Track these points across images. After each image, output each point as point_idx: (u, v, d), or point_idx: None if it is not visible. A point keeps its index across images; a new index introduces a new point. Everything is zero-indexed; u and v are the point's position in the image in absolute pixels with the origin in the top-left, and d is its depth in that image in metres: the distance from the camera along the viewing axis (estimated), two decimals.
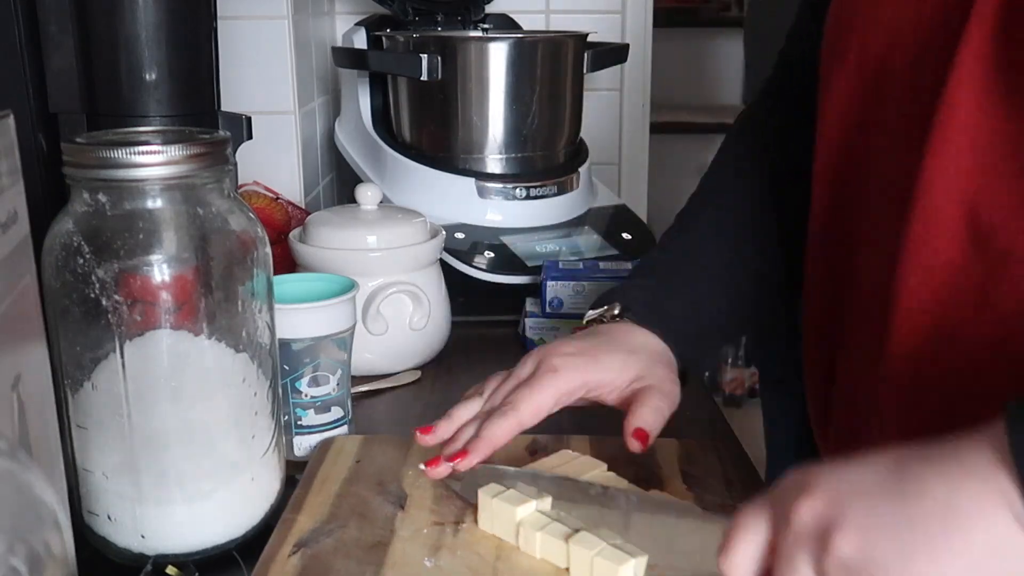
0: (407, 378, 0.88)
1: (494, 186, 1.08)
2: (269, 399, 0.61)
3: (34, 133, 0.77)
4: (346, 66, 1.18)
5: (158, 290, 0.54)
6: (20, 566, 0.33)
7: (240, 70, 1.11)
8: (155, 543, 0.58)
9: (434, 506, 0.61)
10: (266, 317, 0.60)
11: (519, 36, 1.16)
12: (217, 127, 0.84)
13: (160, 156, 0.53)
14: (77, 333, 0.55)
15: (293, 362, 0.69)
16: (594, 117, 1.30)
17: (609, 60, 1.19)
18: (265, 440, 0.61)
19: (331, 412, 0.72)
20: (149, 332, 0.55)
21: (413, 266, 0.88)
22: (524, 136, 1.11)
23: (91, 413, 0.56)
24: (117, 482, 0.57)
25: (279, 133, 1.16)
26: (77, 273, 0.53)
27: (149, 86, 0.78)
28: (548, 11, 1.42)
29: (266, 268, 0.60)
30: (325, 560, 0.55)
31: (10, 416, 0.41)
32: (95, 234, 0.53)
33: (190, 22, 0.80)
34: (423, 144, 1.13)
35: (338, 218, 0.90)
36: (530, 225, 1.07)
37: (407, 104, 1.14)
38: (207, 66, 0.83)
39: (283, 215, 1.07)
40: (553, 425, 0.78)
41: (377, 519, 0.59)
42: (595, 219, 1.11)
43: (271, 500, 0.62)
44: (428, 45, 1.09)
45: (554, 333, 0.93)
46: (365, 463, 0.67)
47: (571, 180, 1.12)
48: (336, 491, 0.63)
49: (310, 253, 0.87)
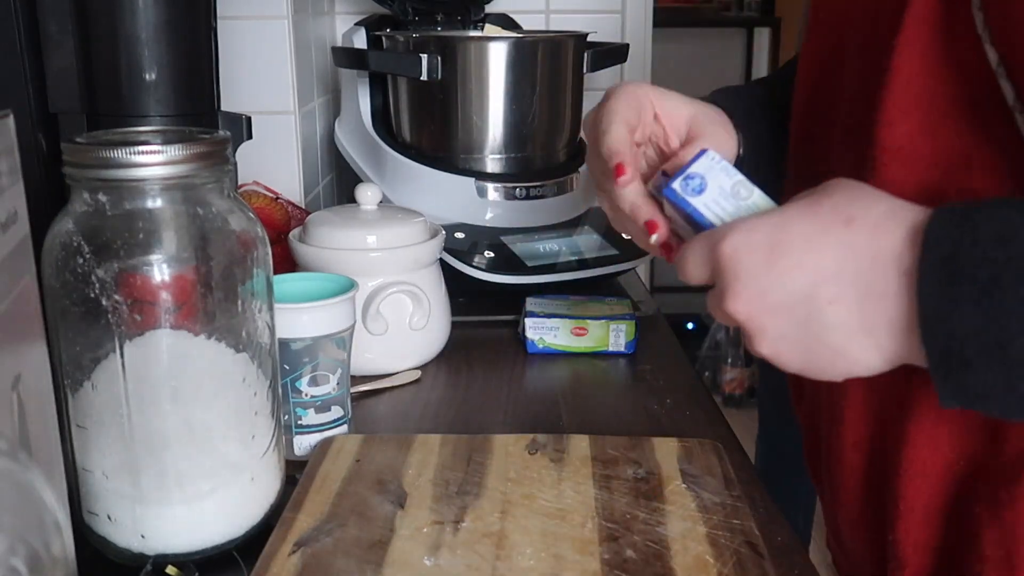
0: (407, 378, 0.88)
1: (494, 186, 1.08)
2: (269, 399, 0.61)
3: (34, 133, 0.77)
4: (346, 66, 1.18)
5: (158, 290, 0.54)
6: (20, 566, 0.33)
7: (240, 70, 1.12)
8: (155, 543, 0.58)
9: (434, 505, 0.61)
10: (266, 317, 0.60)
11: (519, 36, 1.16)
12: (217, 127, 0.84)
13: (160, 156, 0.53)
14: (77, 333, 0.55)
15: (293, 362, 0.69)
16: None
17: (609, 60, 1.19)
18: (265, 440, 0.61)
19: (331, 411, 0.72)
20: (149, 332, 0.55)
21: (413, 266, 0.88)
22: (524, 136, 1.11)
23: (91, 413, 0.56)
24: (117, 482, 0.57)
25: (279, 133, 1.17)
26: (77, 273, 0.53)
27: (149, 86, 0.78)
28: (548, 11, 1.42)
29: (266, 268, 0.60)
30: (325, 559, 0.55)
31: (10, 416, 0.41)
32: (95, 234, 0.53)
33: (190, 22, 0.80)
34: (423, 144, 1.13)
35: (338, 218, 0.90)
36: (530, 225, 1.07)
37: (407, 104, 1.14)
38: (207, 66, 0.83)
39: (283, 215, 1.07)
40: (553, 425, 0.78)
41: (377, 518, 0.59)
42: (595, 219, 1.11)
43: (271, 500, 0.62)
44: (428, 45, 1.09)
45: (554, 333, 0.93)
46: (365, 462, 0.67)
47: (571, 180, 1.12)
48: (336, 490, 0.63)
49: (310, 253, 0.87)
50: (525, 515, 0.59)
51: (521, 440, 0.69)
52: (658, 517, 0.59)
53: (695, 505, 0.61)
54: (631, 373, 0.90)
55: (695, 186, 0.53)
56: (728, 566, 0.54)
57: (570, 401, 0.83)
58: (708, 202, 0.53)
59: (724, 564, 0.54)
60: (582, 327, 0.93)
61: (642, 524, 0.58)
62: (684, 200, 0.53)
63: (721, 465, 0.66)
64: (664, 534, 0.57)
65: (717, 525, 0.58)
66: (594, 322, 0.93)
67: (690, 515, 0.59)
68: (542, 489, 0.63)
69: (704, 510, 0.60)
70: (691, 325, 3.38)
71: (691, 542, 0.56)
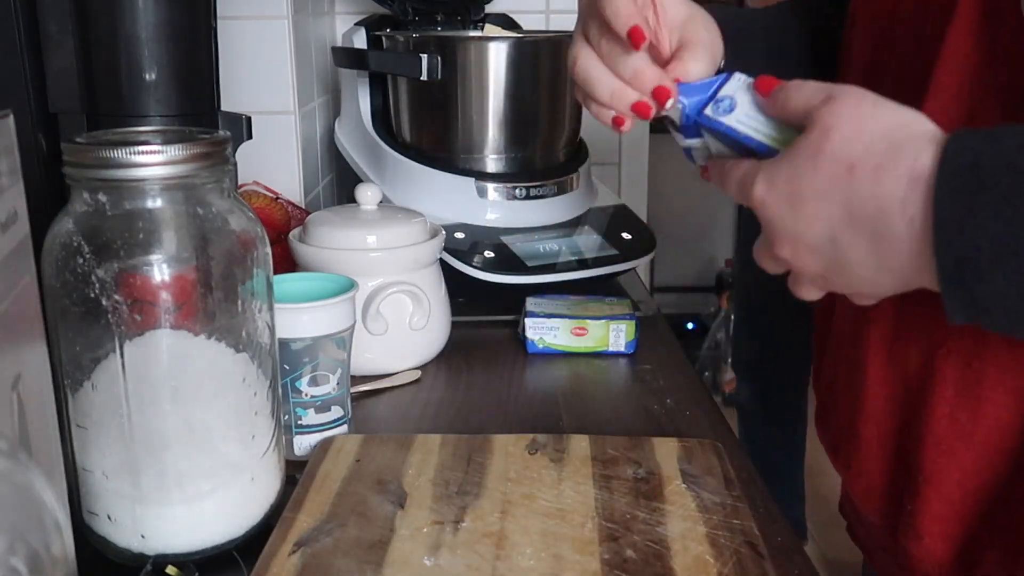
0: (407, 378, 0.88)
1: (494, 186, 1.08)
2: (269, 399, 0.61)
3: (34, 133, 0.77)
4: (346, 66, 1.18)
5: (158, 290, 0.54)
6: (20, 566, 0.33)
7: (240, 70, 1.12)
8: (155, 543, 0.58)
9: (434, 505, 0.61)
10: (266, 317, 0.60)
11: (519, 36, 1.16)
12: (217, 127, 0.84)
13: (160, 156, 0.53)
14: (77, 333, 0.55)
15: (293, 362, 0.69)
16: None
17: None
18: (265, 440, 0.61)
19: (331, 411, 0.72)
20: (149, 332, 0.55)
21: (413, 266, 0.88)
22: (524, 136, 1.11)
23: (91, 413, 0.56)
24: (117, 482, 0.57)
25: (279, 133, 1.17)
26: (77, 273, 0.53)
27: (149, 86, 0.78)
28: (548, 11, 1.42)
29: (266, 268, 0.60)
30: (325, 559, 0.55)
31: (10, 416, 0.41)
32: (95, 234, 0.53)
33: (190, 22, 0.80)
34: (423, 144, 1.13)
35: (338, 218, 0.90)
36: (530, 225, 1.07)
37: (407, 104, 1.14)
38: (207, 66, 0.83)
39: (283, 215, 1.07)
40: (553, 425, 0.78)
41: (377, 518, 0.59)
42: (595, 219, 1.11)
43: (271, 500, 0.62)
44: (428, 45, 1.09)
45: (554, 333, 0.93)
46: (365, 462, 0.67)
47: (571, 180, 1.12)
48: (336, 490, 0.63)
49: (310, 253, 0.87)
50: (525, 515, 0.59)
51: (521, 440, 0.69)
52: (658, 517, 0.59)
53: (695, 505, 0.61)
54: (631, 373, 0.90)
55: (726, 106, 0.55)
56: (728, 566, 0.54)
57: (570, 401, 0.83)
58: (740, 118, 0.54)
59: (724, 564, 0.54)
60: (582, 327, 0.93)
61: (642, 524, 0.58)
62: (718, 121, 0.54)
63: (721, 465, 0.66)
64: (664, 534, 0.57)
65: (717, 525, 0.58)
66: (594, 322, 0.93)
67: (690, 515, 0.59)
68: (542, 489, 0.63)
69: (704, 510, 0.60)
70: (691, 325, 3.38)
71: (691, 542, 0.56)
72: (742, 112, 0.54)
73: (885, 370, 0.60)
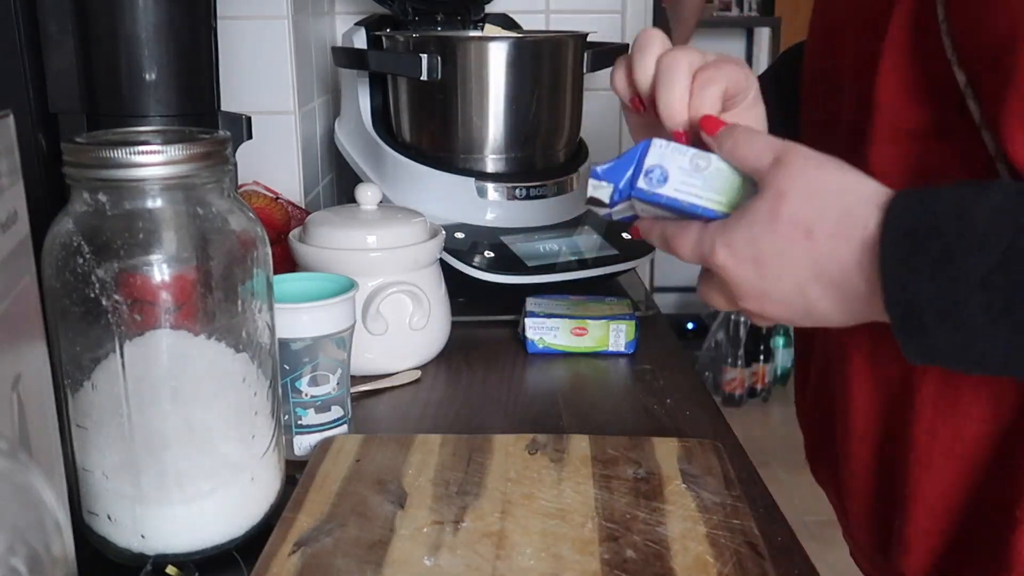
0: (407, 378, 0.88)
1: (494, 186, 1.08)
2: (269, 399, 0.61)
3: (34, 133, 0.77)
4: (346, 66, 1.18)
5: (158, 290, 0.54)
6: (20, 566, 0.33)
7: (240, 70, 1.12)
8: (155, 543, 0.58)
9: (434, 505, 0.61)
10: (266, 317, 0.60)
11: (519, 36, 1.16)
12: (217, 127, 0.84)
13: (160, 156, 0.53)
14: (77, 333, 0.55)
15: (293, 362, 0.69)
16: (594, 117, 1.30)
17: (609, 60, 1.18)
18: (265, 440, 0.61)
19: (331, 411, 0.72)
20: (149, 332, 0.55)
21: (413, 266, 0.88)
22: (524, 136, 1.11)
23: (91, 413, 0.56)
24: (117, 482, 0.57)
25: (279, 133, 1.17)
26: (77, 273, 0.53)
27: (149, 86, 0.78)
28: (548, 11, 1.42)
29: (266, 268, 0.60)
30: (325, 559, 0.55)
31: (10, 416, 0.41)
32: (95, 234, 0.53)
33: (190, 22, 0.80)
34: (423, 144, 1.13)
35: (338, 218, 0.90)
36: (530, 225, 1.07)
37: (407, 104, 1.14)
38: (207, 66, 0.83)
39: (283, 215, 1.07)
40: (553, 425, 0.78)
41: (377, 518, 0.59)
42: (595, 219, 1.11)
43: (271, 500, 0.62)
44: (428, 45, 1.09)
45: (554, 333, 0.93)
46: (365, 462, 0.67)
47: (571, 180, 1.12)
48: (336, 490, 0.63)
49: (310, 253, 0.87)
50: (525, 515, 0.59)
51: (521, 440, 0.69)
52: (658, 517, 0.59)
53: (695, 505, 0.61)
54: (631, 373, 0.90)
55: (657, 177, 0.54)
56: (728, 566, 0.54)
57: (570, 401, 0.83)
58: (677, 186, 0.54)
59: (724, 564, 0.54)
60: (582, 327, 0.93)
61: (642, 524, 0.58)
62: (655, 194, 0.54)
63: (721, 465, 0.66)
64: (664, 534, 0.57)
65: (717, 525, 0.58)
66: (594, 322, 0.93)
67: (690, 515, 0.59)
68: (542, 489, 0.63)
69: (704, 510, 0.60)
70: (691, 325, 3.38)
71: (691, 542, 0.56)
72: (677, 180, 0.54)
73: (869, 388, 0.61)
